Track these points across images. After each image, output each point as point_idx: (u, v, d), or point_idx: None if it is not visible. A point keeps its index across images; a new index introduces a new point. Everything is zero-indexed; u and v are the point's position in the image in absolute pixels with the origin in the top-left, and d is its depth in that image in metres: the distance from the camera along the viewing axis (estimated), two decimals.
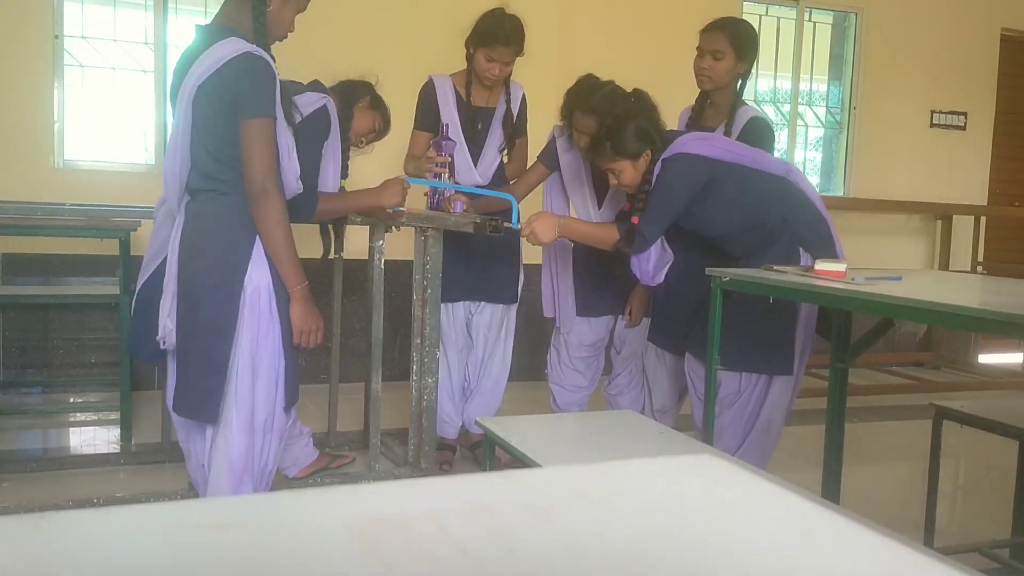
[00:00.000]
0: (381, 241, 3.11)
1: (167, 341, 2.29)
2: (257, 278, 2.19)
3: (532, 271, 3.44)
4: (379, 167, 3.36)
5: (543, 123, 3.25)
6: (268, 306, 2.21)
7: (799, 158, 5.89)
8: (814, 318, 2.62)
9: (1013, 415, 2.39)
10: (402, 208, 2.82)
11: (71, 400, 4.21)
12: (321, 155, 2.72)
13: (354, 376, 4.04)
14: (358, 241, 3.29)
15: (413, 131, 3.24)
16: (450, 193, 3.03)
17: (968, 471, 3.83)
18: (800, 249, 2.56)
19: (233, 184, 2.18)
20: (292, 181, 2.29)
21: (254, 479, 2.27)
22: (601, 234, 2.73)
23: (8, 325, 4.24)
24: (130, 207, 3.65)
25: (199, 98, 2.15)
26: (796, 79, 5.79)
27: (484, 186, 3.16)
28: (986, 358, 6.12)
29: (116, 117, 4.53)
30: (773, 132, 2.97)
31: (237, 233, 2.19)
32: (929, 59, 5.99)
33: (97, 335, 4.32)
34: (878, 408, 4.59)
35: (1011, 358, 6.12)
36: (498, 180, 3.26)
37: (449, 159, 3.02)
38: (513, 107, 3.25)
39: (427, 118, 3.20)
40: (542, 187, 3.23)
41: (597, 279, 3.12)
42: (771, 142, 2.86)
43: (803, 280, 2.11)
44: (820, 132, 6.03)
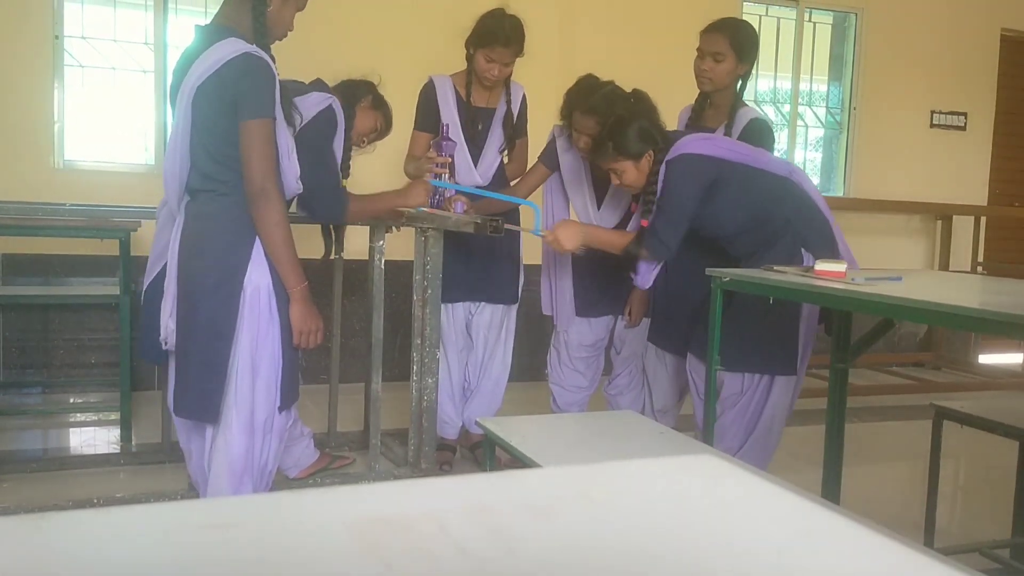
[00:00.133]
0: (381, 241, 3.11)
1: (168, 342, 2.29)
2: (257, 278, 2.19)
3: (532, 271, 3.44)
4: (380, 167, 3.36)
5: (543, 123, 3.25)
6: (268, 306, 2.21)
7: (799, 158, 5.89)
8: (815, 317, 2.62)
9: (1013, 415, 2.39)
10: (424, 208, 2.83)
11: (71, 400, 4.21)
12: (336, 154, 2.73)
13: (354, 376, 4.03)
14: (358, 241, 3.29)
15: (413, 131, 3.24)
16: (450, 193, 3.03)
17: (968, 471, 3.83)
18: (803, 250, 2.56)
19: (233, 185, 2.18)
20: (292, 182, 2.29)
21: (254, 479, 2.27)
22: (624, 243, 2.72)
23: (8, 325, 4.24)
24: (130, 207, 3.64)
25: (198, 99, 2.15)
26: (796, 79, 5.79)
27: (485, 186, 3.16)
28: (986, 358, 6.12)
29: (116, 117, 4.53)
30: (773, 134, 2.97)
31: (237, 234, 2.19)
32: (929, 59, 5.99)
33: (97, 335, 4.32)
34: (878, 408, 4.59)
35: (1011, 358, 6.12)
36: (498, 181, 3.26)
37: (449, 159, 3.02)
38: (513, 107, 3.25)
39: (427, 118, 3.20)
40: (542, 187, 3.23)
41: (597, 280, 3.12)
42: (771, 143, 2.86)
43: (803, 280, 2.11)
44: (820, 132, 6.03)
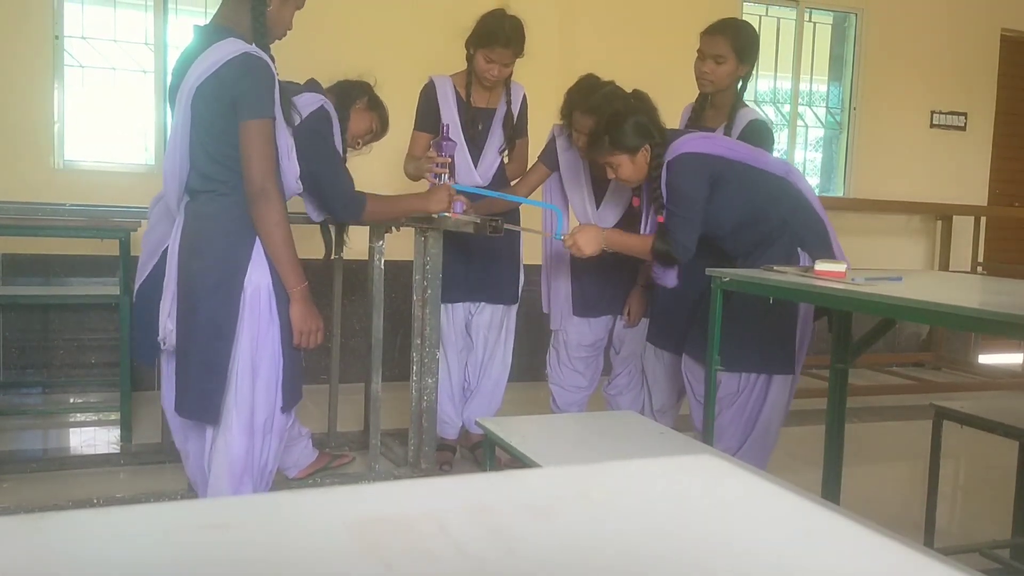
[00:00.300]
0: (381, 241, 3.11)
1: (167, 342, 2.29)
2: (257, 279, 2.19)
3: (532, 271, 3.44)
4: (380, 167, 3.36)
5: (543, 123, 3.25)
6: (268, 307, 2.21)
7: (799, 158, 5.89)
8: (812, 316, 2.62)
9: (1013, 415, 2.39)
10: (447, 214, 2.78)
11: (71, 400, 4.21)
12: (341, 152, 2.72)
13: (354, 376, 4.04)
14: (358, 241, 3.29)
15: (413, 132, 3.24)
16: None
17: (968, 471, 3.83)
18: (799, 250, 2.56)
19: (232, 185, 2.18)
20: (292, 182, 2.28)
21: (254, 480, 2.27)
22: (644, 246, 2.70)
23: (8, 325, 4.24)
24: (130, 207, 3.65)
25: (198, 99, 2.15)
26: (796, 79, 5.79)
27: (485, 186, 3.16)
28: (986, 358, 6.12)
29: (116, 117, 4.53)
30: (772, 135, 2.96)
31: (237, 234, 2.19)
32: (929, 59, 5.99)
33: (97, 335, 4.32)
34: (878, 408, 4.59)
35: (1011, 358, 6.12)
36: (499, 181, 3.26)
37: (450, 160, 3.01)
38: (514, 108, 3.25)
39: (427, 119, 3.19)
40: (541, 187, 3.23)
41: (596, 280, 3.12)
42: (771, 145, 2.85)
43: (803, 280, 2.11)
44: (820, 132, 6.03)
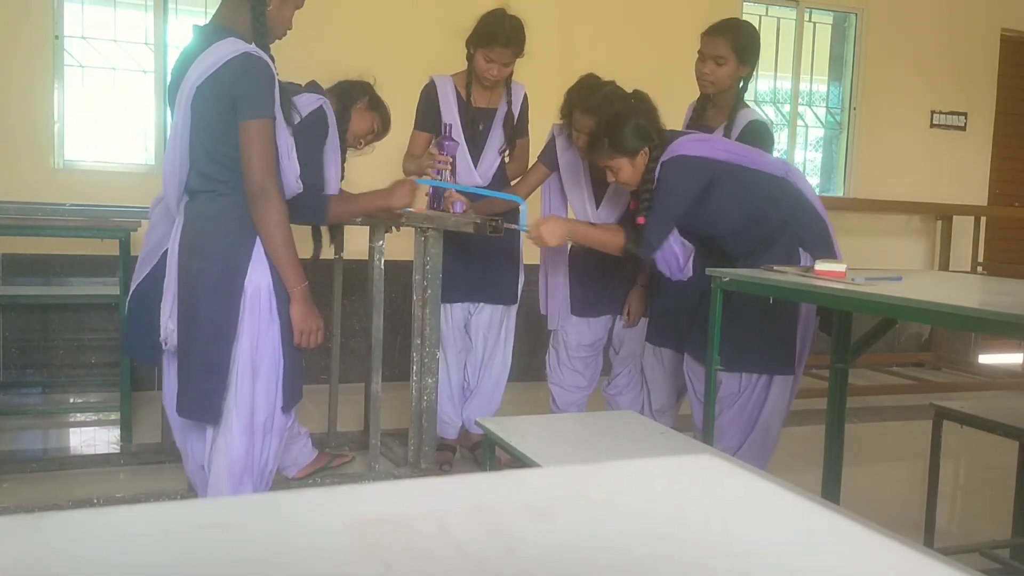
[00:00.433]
0: (381, 241, 3.11)
1: (169, 342, 2.29)
2: (257, 279, 2.19)
3: (532, 271, 3.44)
4: (380, 168, 3.36)
5: (543, 123, 3.25)
6: (268, 307, 2.21)
7: (799, 158, 5.89)
8: (813, 316, 2.62)
9: (1013, 415, 2.39)
10: (410, 209, 2.81)
11: (71, 400, 4.21)
12: (322, 157, 2.72)
13: (354, 376, 4.03)
14: (358, 241, 3.29)
15: (413, 131, 3.24)
16: (450, 193, 3.02)
17: (968, 471, 3.83)
18: (800, 250, 2.56)
19: (232, 185, 2.18)
20: (292, 182, 2.28)
21: (254, 479, 2.27)
22: (609, 238, 2.72)
23: (8, 325, 4.24)
24: (130, 207, 3.65)
25: (197, 99, 2.15)
26: (796, 79, 5.79)
27: (485, 187, 3.16)
28: (986, 358, 6.12)
29: (116, 117, 4.53)
30: (772, 136, 2.96)
31: (237, 234, 2.19)
32: (929, 59, 5.99)
33: (97, 335, 4.32)
34: (878, 408, 4.59)
35: (1011, 358, 6.12)
36: (499, 181, 3.26)
37: (451, 159, 3.01)
38: (514, 108, 3.24)
39: (427, 119, 3.19)
40: (541, 187, 3.23)
41: (595, 279, 3.11)
42: (770, 146, 2.85)
43: (803, 280, 2.11)
44: (820, 132, 6.03)
